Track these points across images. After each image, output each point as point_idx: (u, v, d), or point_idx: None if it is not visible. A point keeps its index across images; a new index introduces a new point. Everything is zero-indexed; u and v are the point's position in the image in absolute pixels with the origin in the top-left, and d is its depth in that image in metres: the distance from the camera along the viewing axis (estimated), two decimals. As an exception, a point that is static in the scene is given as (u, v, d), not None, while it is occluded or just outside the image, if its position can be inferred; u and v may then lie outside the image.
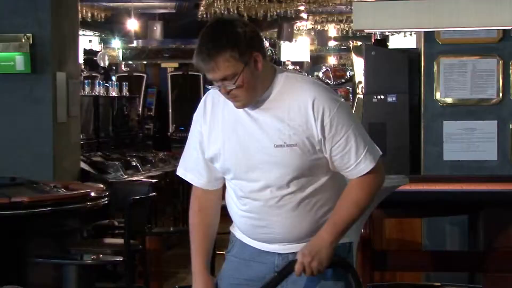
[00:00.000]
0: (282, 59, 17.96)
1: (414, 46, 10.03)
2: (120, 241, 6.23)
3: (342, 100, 3.04)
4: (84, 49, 14.32)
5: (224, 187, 3.20)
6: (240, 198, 3.10)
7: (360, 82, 9.65)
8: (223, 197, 3.22)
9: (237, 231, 3.19)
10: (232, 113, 3.01)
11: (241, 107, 2.96)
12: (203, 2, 13.53)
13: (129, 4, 14.75)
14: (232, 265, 3.18)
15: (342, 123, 2.95)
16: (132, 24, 15.96)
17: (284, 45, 17.82)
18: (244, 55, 2.86)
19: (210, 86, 3.00)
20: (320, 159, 3.00)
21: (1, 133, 7.57)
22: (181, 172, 3.21)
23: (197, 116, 3.13)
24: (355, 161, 2.98)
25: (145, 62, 18.15)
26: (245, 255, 3.13)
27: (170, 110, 16.74)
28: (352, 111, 3.07)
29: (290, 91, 2.97)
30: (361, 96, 8.79)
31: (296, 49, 18.15)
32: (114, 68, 15.82)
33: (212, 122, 3.07)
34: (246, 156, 3.00)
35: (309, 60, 19.19)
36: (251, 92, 2.92)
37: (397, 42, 14.45)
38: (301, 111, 2.94)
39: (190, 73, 16.90)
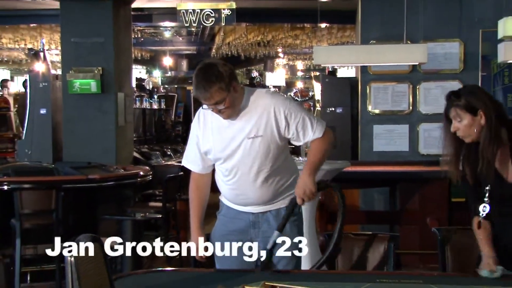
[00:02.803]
0: (267, 84, 17.93)
1: (353, 75, 10.06)
2: (159, 204, 6.22)
3: (290, 97, 3.08)
4: (135, 77, 14.34)
5: (213, 173, 3.19)
6: (225, 176, 3.09)
7: (318, 100, 9.66)
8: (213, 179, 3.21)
9: (224, 199, 3.18)
10: (217, 121, 3.02)
11: (227, 119, 2.97)
12: (214, 47, 13.54)
13: (165, 48, 14.81)
14: (222, 222, 3.16)
15: (296, 111, 2.98)
16: (167, 61, 15.99)
17: (268, 74, 17.82)
18: (228, 86, 2.85)
19: (204, 107, 2.98)
20: (279, 146, 3.01)
21: (81, 134, 7.57)
22: (184, 162, 3.21)
23: (194, 125, 3.14)
24: (312, 131, 3.01)
25: (176, 86, 18.08)
26: (230, 215, 3.11)
27: (192, 118, 16.77)
28: (298, 103, 3.08)
29: (254, 101, 2.99)
30: (319, 108, 8.79)
31: (275, 77, 18.15)
32: (155, 89, 15.74)
33: (204, 129, 3.08)
34: (229, 148, 3.00)
35: (284, 85, 19.15)
36: (233, 109, 2.93)
37: (342, 72, 14.48)
38: (265, 112, 2.96)
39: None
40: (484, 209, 2.69)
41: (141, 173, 6.45)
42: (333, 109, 7.96)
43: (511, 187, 2.65)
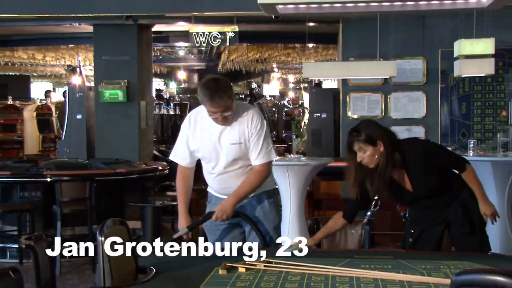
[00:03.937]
0: (264, 93, 17.94)
1: (336, 86, 10.04)
2: (175, 193, 6.07)
3: (265, 122, 2.99)
4: (155, 88, 14.31)
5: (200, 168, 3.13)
6: (211, 173, 3.06)
7: (306, 107, 9.62)
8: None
9: (211, 190, 3.15)
10: (206, 125, 2.96)
11: (226, 125, 2.92)
12: (220, 63, 13.53)
13: (180, 64, 14.80)
14: (211, 210, 3.07)
15: (260, 132, 2.92)
16: (181, 75, 15.97)
17: (265, 86, 17.80)
18: (231, 97, 2.83)
19: (210, 116, 2.90)
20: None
21: (110, 136, 7.57)
22: (172, 157, 3.12)
23: (184, 126, 3.05)
24: (256, 155, 2.92)
25: (188, 95, 18.10)
26: (218, 203, 3.02)
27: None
28: (268, 130, 3.00)
29: (240, 113, 2.94)
30: (307, 114, 8.76)
31: (271, 88, 18.12)
32: (171, 98, 15.72)
33: (194, 130, 3.00)
34: (214, 149, 2.96)
35: (278, 94, 19.14)
36: (232, 116, 2.89)
37: (327, 84, 14.44)
38: (245, 123, 2.92)
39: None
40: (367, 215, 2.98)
41: (160, 168, 6.43)
42: (319, 114, 7.95)
43: (410, 194, 2.85)
